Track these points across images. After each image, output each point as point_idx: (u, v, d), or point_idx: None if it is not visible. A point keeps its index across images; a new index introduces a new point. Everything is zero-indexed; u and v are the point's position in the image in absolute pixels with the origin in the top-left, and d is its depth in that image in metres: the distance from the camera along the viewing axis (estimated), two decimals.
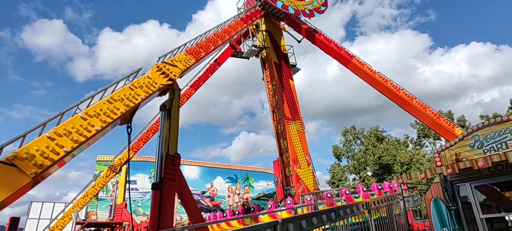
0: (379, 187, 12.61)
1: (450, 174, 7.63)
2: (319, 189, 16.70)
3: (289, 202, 12.87)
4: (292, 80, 19.47)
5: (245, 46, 20.36)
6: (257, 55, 20.37)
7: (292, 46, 21.60)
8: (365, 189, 12.81)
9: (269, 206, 13.86)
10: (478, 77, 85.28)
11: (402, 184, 9.21)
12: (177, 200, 14.70)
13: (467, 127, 35.37)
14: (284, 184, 16.95)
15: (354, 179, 43.45)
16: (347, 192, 12.56)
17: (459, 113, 48.16)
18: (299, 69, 21.73)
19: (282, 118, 17.57)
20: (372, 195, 12.72)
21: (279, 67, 19.05)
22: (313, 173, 17.03)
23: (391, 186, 12.66)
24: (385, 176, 39.09)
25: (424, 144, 44.61)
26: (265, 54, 19.87)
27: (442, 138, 26.97)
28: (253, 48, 19.34)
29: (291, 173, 16.37)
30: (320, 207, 11.75)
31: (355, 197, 12.14)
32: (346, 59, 18.64)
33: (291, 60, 20.92)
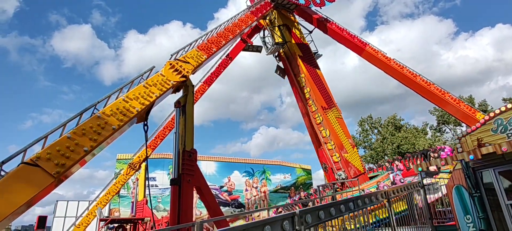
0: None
1: (472, 160, 7.38)
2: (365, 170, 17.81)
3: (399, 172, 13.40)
4: (319, 69, 19.59)
5: (260, 41, 20.32)
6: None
7: (310, 31, 21.10)
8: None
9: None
10: (505, 61, 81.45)
11: (421, 172, 9.00)
12: (196, 195, 15.00)
13: (489, 111, 34.10)
14: (333, 169, 17.89)
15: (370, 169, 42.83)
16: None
17: (484, 98, 46.27)
18: (321, 55, 21.44)
19: (318, 108, 18.18)
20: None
21: (304, 59, 19.19)
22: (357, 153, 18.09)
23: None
24: None
25: (445, 130, 43.38)
26: (282, 51, 19.79)
27: (463, 124, 26.12)
28: (276, 46, 19.33)
29: (340, 158, 17.40)
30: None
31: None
32: (359, 48, 18.26)
33: (311, 48, 20.69)
